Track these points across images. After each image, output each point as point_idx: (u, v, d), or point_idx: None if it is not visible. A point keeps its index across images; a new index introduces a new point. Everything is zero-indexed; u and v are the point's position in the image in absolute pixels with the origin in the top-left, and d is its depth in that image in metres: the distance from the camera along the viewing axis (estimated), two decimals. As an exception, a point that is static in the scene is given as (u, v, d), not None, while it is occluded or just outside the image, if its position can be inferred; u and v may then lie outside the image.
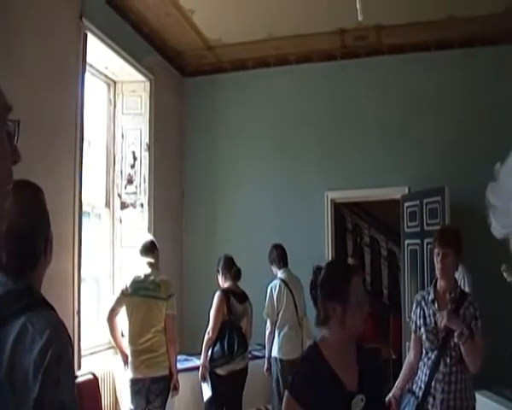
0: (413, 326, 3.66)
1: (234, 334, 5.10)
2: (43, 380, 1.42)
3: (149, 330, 4.70)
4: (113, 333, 4.79)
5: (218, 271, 5.41)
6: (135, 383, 4.69)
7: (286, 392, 2.37)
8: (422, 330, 3.57)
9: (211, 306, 5.19)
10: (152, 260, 4.91)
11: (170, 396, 4.81)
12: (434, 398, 3.43)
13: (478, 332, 3.35)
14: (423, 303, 3.61)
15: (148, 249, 4.96)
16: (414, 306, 3.70)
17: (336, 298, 2.34)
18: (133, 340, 4.72)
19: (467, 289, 4.54)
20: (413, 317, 3.66)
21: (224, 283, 5.34)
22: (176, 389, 4.85)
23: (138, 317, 4.71)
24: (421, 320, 3.59)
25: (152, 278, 4.82)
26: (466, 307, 3.40)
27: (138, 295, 4.74)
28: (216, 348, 5.08)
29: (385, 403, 3.11)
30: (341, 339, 2.37)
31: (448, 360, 3.40)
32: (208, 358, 5.10)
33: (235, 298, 5.23)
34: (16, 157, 0.99)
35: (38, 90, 4.49)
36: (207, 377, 5.09)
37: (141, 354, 4.67)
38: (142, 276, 4.81)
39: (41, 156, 4.53)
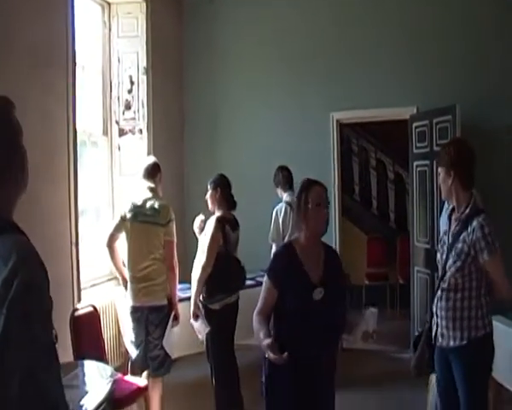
0: None
1: (234, 266, 4.76)
2: (9, 314, 1.26)
3: (148, 257, 4.55)
4: (113, 258, 4.66)
5: (214, 188, 4.82)
6: (134, 311, 4.59)
7: (265, 276, 3.01)
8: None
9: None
10: (152, 185, 4.71)
11: (169, 327, 4.62)
12: (434, 323, 3.28)
13: (492, 255, 2.99)
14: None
15: (150, 173, 4.74)
16: None
17: (299, 207, 3.01)
18: (132, 266, 4.59)
19: None
20: None
21: (215, 204, 4.83)
22: (176, 319, 4.71)
23: (137, 243, 4.57)
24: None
25: (151, 203, 4.63)
26: (469, 233, 3.06)
27: (137, 220, 4.58)
28: (213, 283, 4.60)
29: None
30: (308, 239, 3.01)
31: (443, 285, 3.17)
32: (204, 293, 4.66)
33: (229, 226, 4.77)
34: None
35: (25, 11, 4.23)
36: (200, 314, 4.67)
37: (139, 282, 4.55)
38: (141, 201, 4.62)
39: (31, 81, 4.33)
